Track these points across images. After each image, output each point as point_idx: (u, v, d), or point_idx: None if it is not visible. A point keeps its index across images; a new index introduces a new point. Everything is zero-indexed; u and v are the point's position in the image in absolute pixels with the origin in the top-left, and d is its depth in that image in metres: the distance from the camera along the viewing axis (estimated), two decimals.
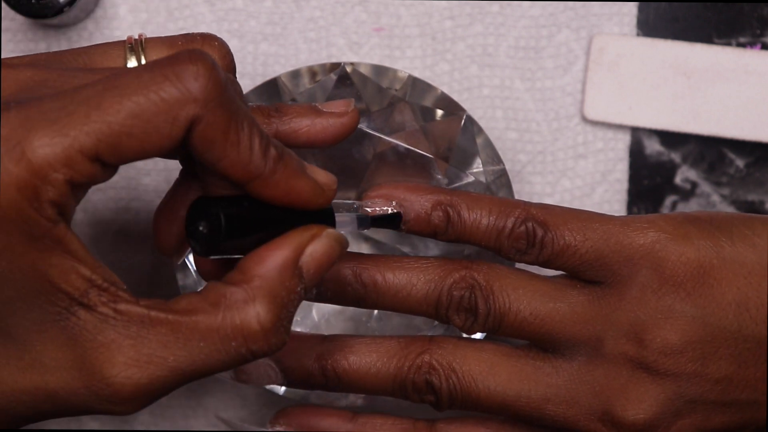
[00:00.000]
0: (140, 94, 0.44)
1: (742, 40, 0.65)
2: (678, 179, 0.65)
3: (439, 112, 0.60)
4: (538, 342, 0.55)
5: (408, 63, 0.65)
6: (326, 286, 0.56)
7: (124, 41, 0.51)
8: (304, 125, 0.54)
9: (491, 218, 0.55)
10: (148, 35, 0.52)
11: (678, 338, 0.53)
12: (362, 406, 0.61)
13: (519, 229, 0.55)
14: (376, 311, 0.61)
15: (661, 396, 0.54)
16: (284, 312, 0.48)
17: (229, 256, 0.49)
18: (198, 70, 0.45)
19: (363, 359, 0.56)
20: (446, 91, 0.64)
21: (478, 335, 0.58)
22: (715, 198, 0.65)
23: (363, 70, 0.60)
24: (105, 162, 0.45)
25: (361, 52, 0.65)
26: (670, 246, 0.54)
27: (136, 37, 0.51)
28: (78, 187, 0.45)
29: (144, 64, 0.46)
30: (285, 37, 0.65)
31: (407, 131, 0.59)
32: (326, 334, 0.58)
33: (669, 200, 0.65)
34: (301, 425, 0.58)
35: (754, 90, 0.64)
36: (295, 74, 0.60)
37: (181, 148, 0.47)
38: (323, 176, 0.50)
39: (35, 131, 0.43)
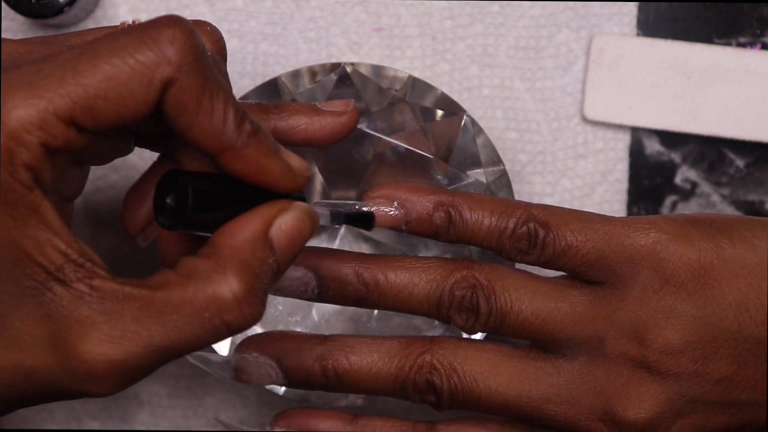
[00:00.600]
0: (115, 56, 0.44)
1: (742, 40, 0.65)
2: (678, 179, 0.65)
3: (439, 113, 0.60)
4: (540, 342, 0.55)
5: (408, 63, 0.65)
6: (327, 286, 0.56)
7: (117, 26, 0.51)
8: (302, 123, 0.54)
9: (493, 219, 0.55)
10: None
11: (679, 338, 0.53)
12: (362, 407, 0.61)
13: (521, 230, 0.55)
14: (376, 311, 0.61)
15: (662, 396, 0.54)
16: (257, 283, 0.47)
17: (196, 232, 0.49)
18: (174, 34, 0.45)
19: (364, 359, 0.56)
20: (446, 91, 0.64)
21: (478, 335, 0.58)
22: (715, 198, 0.65)
23: (363, 70, 0.60)
24: (80, 126, 0.44)
25: (361, 52, 0.65)
26: (671, 247, 0.54)
27: (130, 22, 0.51)
28: (55, 153, 0.44)
29: (121, 29, 0.46)
30: (285, 37, 0.65)
31: (407, 131, 0.59)
32: (326, 334, 0.58)
33: (669, 200, 0.65)
34: (300, 427, 0.58)
35: (754, 90, 0.64)
36: (296, 74, 0.60)
37: (156, 120, 0.46)
38: (297, 162, 0.50)
39: (10, 94, 0.43)
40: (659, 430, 0.54)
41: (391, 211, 0.56)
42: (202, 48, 0.46)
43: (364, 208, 0.56)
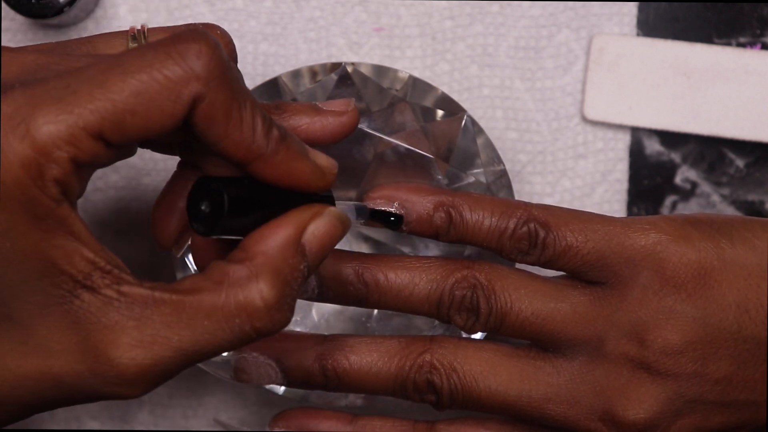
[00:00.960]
0: (143, 72, 0.44)
1: (742, 40, 0.65)
2: (678, 179, 0.65)
3: (440, 113, 0.60)
4: (540, 342, 0.55)
5: (408, 63, 0.65)
6: (328, 285, 0.56)
7: (126, 31, 0.51)
8: (303, 123, 0.54)
9: (493, 219, 0.55)
10: None
11: (679, 338, 0.54)
12: (362, 407, 0.61)
13: (521, 230, 0.55)
14: (375, 312, 0.61)
15: (661, 396, 0.54)
16: (288, 289, 0.47)
17: (230, 237, 0.49)
18: (201, 49, 0.45)
19: (363, 359, 0.56)
20: (446, 91, 0.64)
21: (478, 335, 0.58)
22: (715, 198, 0.65)
23: (363, 70, 0.60)
24: (109, 140, 0.45)
25: (361, 52, 0.65)
26: (671, 247, 0.54)
27: (139, 27, 0.51)
28: (82, 167, 0.45)
29: (147, 44, 0.46)
30: (285, 37, 0.65)
31: (407, 131, 0.59)
32: (326, 334, 0.58)
33: (669, 200, 0.65)
34: (300, 427, 0.58)
35: (754, 90, 0.64)
36: (296, 74, 0.60)
37: (181, 132, 0.47)
38: (324, 160, 0.50)
39: (39, 109, 0.43)
40: (658, 430, 0.54)
41: (392, 211, 0.56)
42: (227, 60, 0.46)
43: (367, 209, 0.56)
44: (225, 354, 0.60)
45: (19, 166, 0.43)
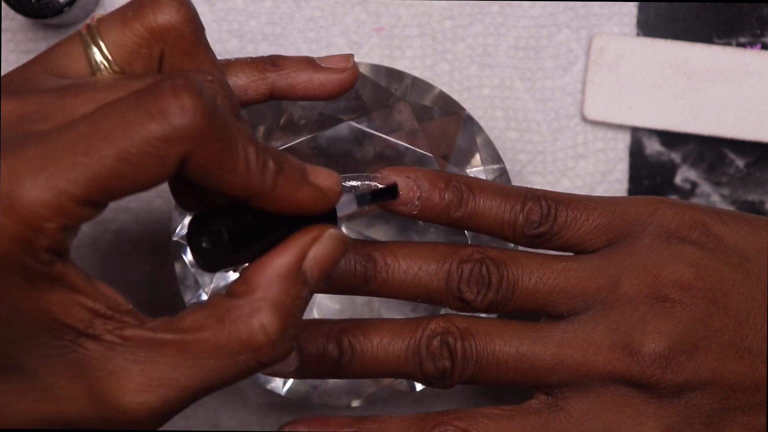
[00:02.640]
0: (126, 137, 0.43)
1: (742, 40, 0.65)
2: (678, 179, 0.65)
3: (439, 112, 0.60)
4: (554, 305, 0.55)
5: (408, 63, 0.65)
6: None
7: (79, 34, 0.50)
8: (301, 81, 0.53)
9: (503, 196, 0.56)
10: None
11: (690, 273, 0.55)
12: (362, 407, 0.61)
13: (532, 202, 0.55)
14: (377, 310, 0.61)
15: (678, 327, 0.54)
16: (290, 320, 0.47)
17: (234, 267, 0.49)
18: (183, 104, 0.43)
19: (377, 332, 0.56)
20: (446, 90, 0.64)
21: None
22: (715, 198, 0.65)
23: (363, 69, 0.60)
24: (96, 203, 0.44)
25: (361, 52, 0.65)
26: (673, 208, 0.56)
27: (89, 21, 0.50)
28: (72, 229, 0.44)
29: (126, 98, 0.44)
30: (285, 37, 0.65)
31: (407, 131, 0.59)
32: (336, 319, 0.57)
33: None
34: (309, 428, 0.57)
35: (754, 90, 0.64)
36: None
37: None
38: (326, 179, 0.49)
39: (23, 182, 0.42)
40: (677, 363, 0.54)
41: (405, 185, 0.55)
42: (213, 108, 0.44)
43: (378, 184, 0.55)
44: None
45: (7, 240, 0.42)
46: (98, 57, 0.49)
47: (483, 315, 0.57)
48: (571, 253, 0.56)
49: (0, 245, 0.43)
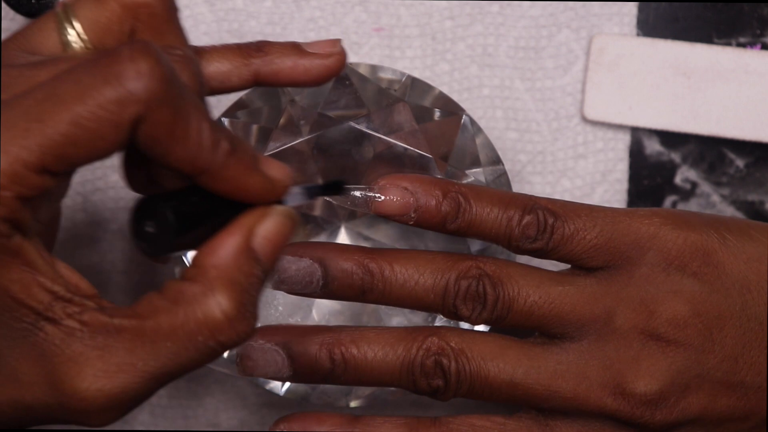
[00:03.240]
0: (79, 101, 0.43)
1: (742, 40, 0.65)
2: (678, 179, 0.65)
3: (438, 112, 0.60)
4: (548, 328, 0.55)
5: (408, 63, 0.65)
6: (333, 276, 0.55)
7: (54, 11, 0.50)
8: (286, 67, 0.53)
9: (500, 207, 0.55)
10: None
11: (686, 310, 0.54)
12: (362, 407, 0.61)
13: (529, 216, 0.55)
14: (375, 311, 0.61)
15: (671, 367, 0.54)
16: (246, 297, 0.46)
17: (179, 252, 0.48)
18: (139, 68, 0.43)
19: (371, 344, 0.56)
20: (446, 91, 0.64)
21: (482, 328, 0.58)
22: (715, 198, 0.65)
23: (362, 70, 0.60)
24: (53, 171, 0.44)
25: (361, 52, 0.65)
26: (675, 231, 0.55)
27: None
28: (30, 199, 0.44)
29: (84, 63, 0.44)
30: (285, 37, 0.65)
31: (406, 131, 0.59)
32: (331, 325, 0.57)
33: (669, 200, 0.65)
34: (303, 427, 0.57)
35: (754, 90, 0.64)
36: None
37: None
38: (277, 170, 0.48)
39: None
40: (668, 403, 0.54)
41: (402, 197, 0.55)
42: (170, 75, 0.44)
43: (375, 195, 0.55)
44: None
45: None
46: (71, 35, 0.49)
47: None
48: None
49: None
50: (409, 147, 0.59)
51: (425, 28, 0.65)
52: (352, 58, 0.65)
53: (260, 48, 0.53)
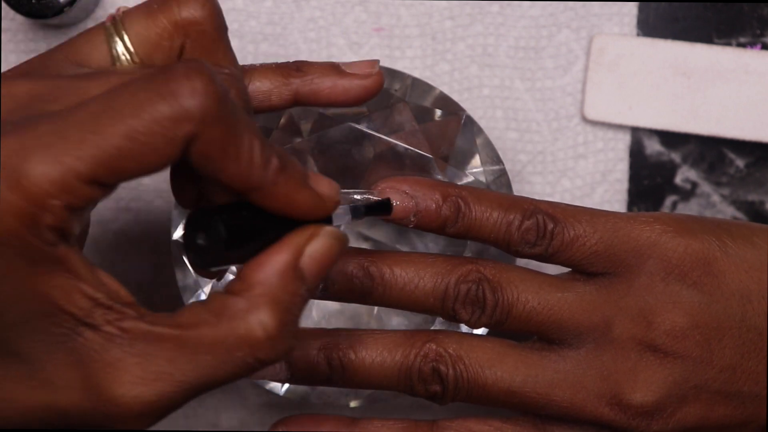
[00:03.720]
0: (135, 116, 0.43)
1: (742, 40, 0.65)
2: (678, 179, 0.65)
3: (439, 113, 0.60)
4: (546, 334, 0.55)
5: (408, 63, 0.65)
6: (333, 279, 0.55)
7: (103, 25, 0.50)
8: (325, 87, 0.53)
9: (501, 211, 0.55)
10: None
11: (685, 321, 0.54)
12: (361, 407, 0.61)
13: (529, 221, 0.55)
14: (375, 311, 0.61)
15: (668, 379, 0.54)
16: (288, 317, 0.47)
17: (228, 266, 0.49)
18: (194, 86, 0.44)
19: (368, 349, 0.56)
20: (446, 91, 0.64)
21: (481, 331, 0.58)
22: (715, 198, 0.65)
23: None
24: (102, 183, 0.44)
25: (361, 52, 0.65)
26: (676, 238, 0.55)
27: (114, 12, 0.50)
28: (77, 209, 0.44)
29: (139, 79, 0.45)
30: (285, 37, 0.65)
31: (407, 131, 0.59)
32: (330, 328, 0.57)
33: (669, 200, 0.65)
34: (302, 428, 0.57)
35: (754, 90, 0.64)
36: None
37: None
38: (326, 186, 0.49)
39: (31, 158, 0.43)
40: (665, 414, 0.54)
41: (401, 201, 0.56)
42: (223, 95, 0.44)
43: (374, 199, 0.55)
44: None
45: (12, 216, 0.43)
46: (120, 48, 0.50)
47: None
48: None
49: (4, 222, 0.43)
50: (409, 147, 0.59)
51: (425, 28, 0.65)
52: (352, 58, 0.65)
53: (299, 68, 0.53)
